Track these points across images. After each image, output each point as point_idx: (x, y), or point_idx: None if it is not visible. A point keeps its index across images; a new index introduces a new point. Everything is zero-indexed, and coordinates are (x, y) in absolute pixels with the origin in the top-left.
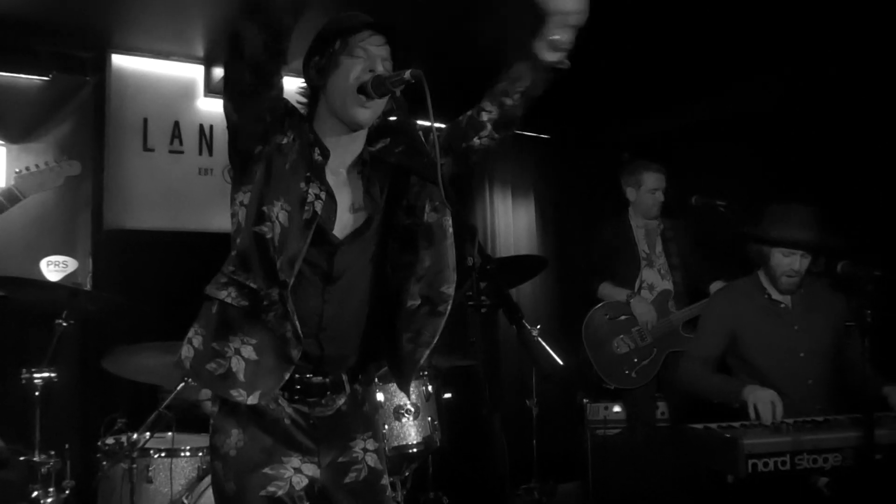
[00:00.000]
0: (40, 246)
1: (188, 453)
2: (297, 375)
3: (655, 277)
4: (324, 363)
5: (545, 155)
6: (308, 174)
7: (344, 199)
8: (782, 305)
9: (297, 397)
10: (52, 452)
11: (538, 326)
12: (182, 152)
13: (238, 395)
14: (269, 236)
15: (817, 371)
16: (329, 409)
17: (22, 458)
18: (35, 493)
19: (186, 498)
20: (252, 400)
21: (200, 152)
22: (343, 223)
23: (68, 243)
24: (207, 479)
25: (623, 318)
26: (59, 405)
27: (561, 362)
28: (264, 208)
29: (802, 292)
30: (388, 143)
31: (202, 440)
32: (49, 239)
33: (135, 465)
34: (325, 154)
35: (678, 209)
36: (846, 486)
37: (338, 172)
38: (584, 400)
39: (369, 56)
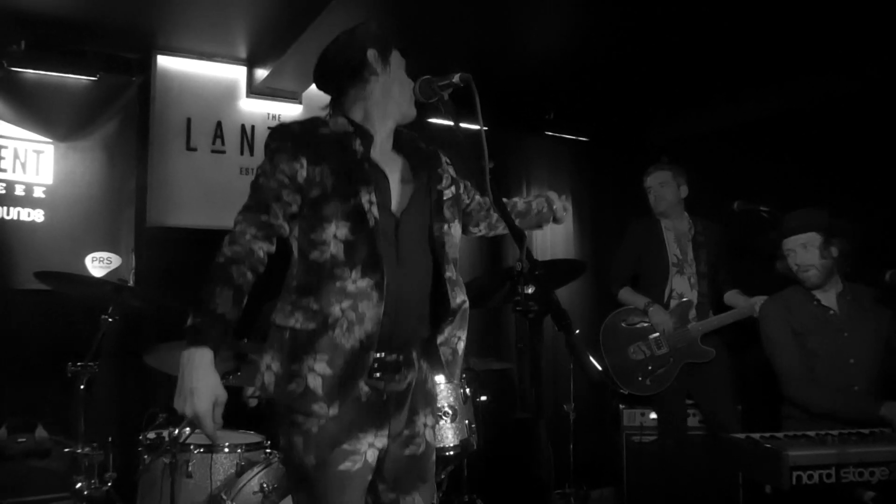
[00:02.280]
0: (85, 242)
1: (227, 450)
2: (376, 355)
3: (685, 287)
4: (394, 339)
5: (583, 157)
6: (350, 186)
7: (393, 172)
8: (831, 312)
9: (375, 375)
10: (95, 445)
11: (577, 331)
12: (224, 152)
13: (319, 408)
14: (322, 259)
15: (864, 378)
16: (401, 385)
17: (66, 450)
18: (78, 485)
19: (225, 493)
20: (333, 412)
21: (242, 152)
22: (398, 196)
23: (112, 240)
24: (245, 476)
25: (641, 325)
26: (101, 398)
27: (600, 368)
28: (312, 236)
29: (849, 299)
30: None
31: (241, 437)
32: (93, 235)
33: (175, 460)
34: (368, 140)
35: (712, 212)
36: (893, 500)
37: (383, 150)
38: (620, 406)
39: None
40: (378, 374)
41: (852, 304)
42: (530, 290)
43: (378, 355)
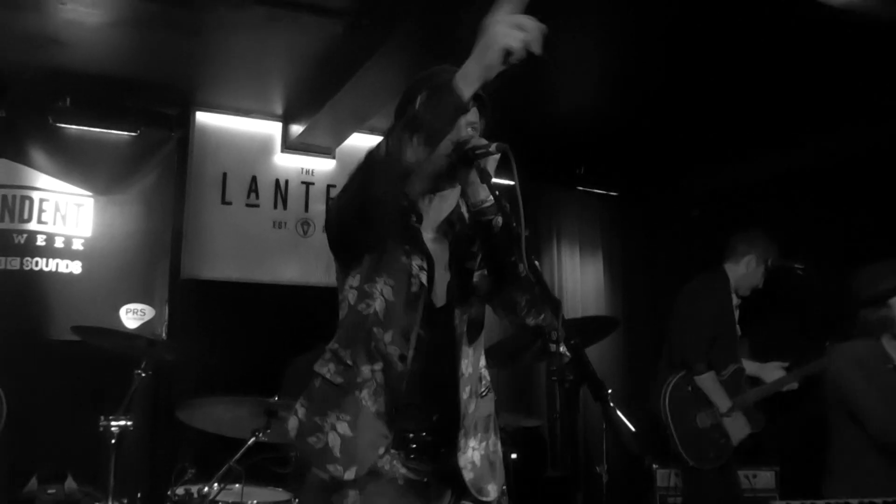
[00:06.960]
0: (120, 293)
1: None
2: (411, 435)
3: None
4: (432, 421)
5: (613, 212)
6: (406, 246)
7: (438, 259)
8: None
9: (412, 456)
10: (125, 501)
11: (609, 391)
12: (258, 206)
13: (335, 470)
14: (366, 313)
15: None
16: (444, 467)
17: (96, 503)
18: None
19: None
20: (349, 475)
21: (275, 206)
22: (439, 285)
23: (147, 291)
24: None
25: None
26: (132, 453)
27: (633, 429)
28: (366, 287)
29: None
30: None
31: (269, 494)
32: (129, 287)
33: None
34: (420, 218)
35: None
36: None
37: (430, 232)
38: (654, 465)
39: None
40: (415, 455)
41: None
42: (565, 358)
43: (421, 435)
